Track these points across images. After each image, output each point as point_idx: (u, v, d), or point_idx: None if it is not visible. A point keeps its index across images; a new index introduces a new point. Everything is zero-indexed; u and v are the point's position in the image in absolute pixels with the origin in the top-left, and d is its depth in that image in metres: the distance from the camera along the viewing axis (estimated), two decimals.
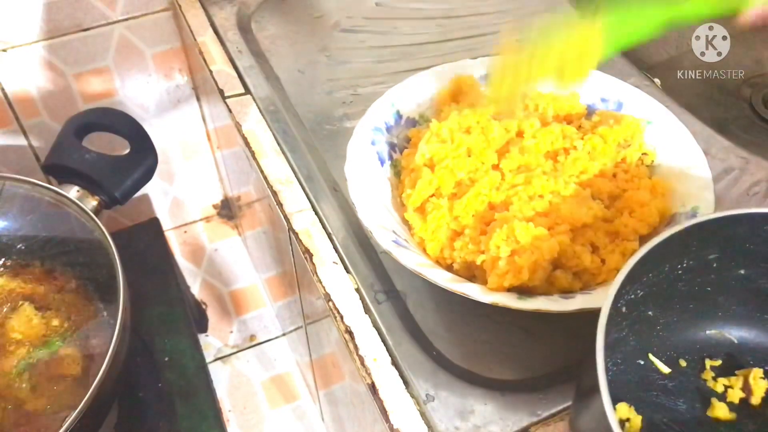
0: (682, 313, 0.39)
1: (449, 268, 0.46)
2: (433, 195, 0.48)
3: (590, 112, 0.53)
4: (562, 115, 0.52)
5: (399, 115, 0.53)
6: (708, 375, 0.39)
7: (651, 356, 0.39)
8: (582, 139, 0.49)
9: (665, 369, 0.39)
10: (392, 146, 0.52)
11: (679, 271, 0.37)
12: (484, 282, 0.44)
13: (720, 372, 0.39)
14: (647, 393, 0.38)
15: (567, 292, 0.44)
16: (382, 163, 0.51)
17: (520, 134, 0.50)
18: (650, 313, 0.37)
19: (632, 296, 0.35)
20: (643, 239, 0.46)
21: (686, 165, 0.48)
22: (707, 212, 0.44)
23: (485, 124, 0.49)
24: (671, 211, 0.46)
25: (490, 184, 0.47)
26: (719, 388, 0.39)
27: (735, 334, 0.40)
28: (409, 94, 0.54)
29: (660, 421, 0.37)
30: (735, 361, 0.39)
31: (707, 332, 0.40)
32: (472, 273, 0.46)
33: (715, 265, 0.37)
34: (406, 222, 0.48)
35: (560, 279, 0.44)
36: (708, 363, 0.39)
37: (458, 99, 0.54)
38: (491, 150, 0.48)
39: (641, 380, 0.38)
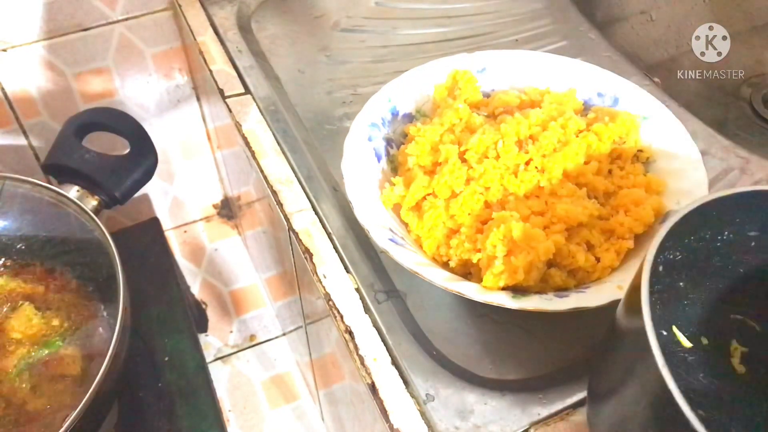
0: (710, 293, 0.39)
1: (446, 265, 0.46)
2: (429, 194, 0.48)
3: (587, 107, 0.54)
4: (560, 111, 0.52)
5: (396, 111, 0.53)
6: (731, 354, 0.39)
7: (675, 329, 0.38)
8: (577, 136, 0.49)
9: (687, 343, 0.39)
10: (389, 142, 0.52)
11: (719, 243, 0.36)
12: (479, 279, 0.44)
13: (742, 356, 0.39)
14: (667, 362, 0.38)
15: (561, 289, 0.44)
16: (379, 159, 0.51)
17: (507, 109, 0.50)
18: (681, 284, 0.37)
19: (670, 257, 0.35)
20: (638, 238, 0.46)
21: (681, 162, 0.48)
22: None
23: (467, 118, 0.50)
24: (666, 208, 0.46)
25: (485, 182, 0.47)
26: (740, 369, 0.39)
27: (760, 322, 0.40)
28: (406, 90, 0.54)
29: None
30: (757, 348, 0.39)
31: (732, 316, 0.40)
32: (468, 271, 0.46)
33: (753, 243, 0.36)
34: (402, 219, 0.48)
35: (555, 277, 0.44)
36: (733, 345, 0.39)
37: (454, 94, 0.54)
38: (483, 145, 0.48)
39: (662, 350, 0.38)
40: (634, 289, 0.31)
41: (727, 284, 0.38)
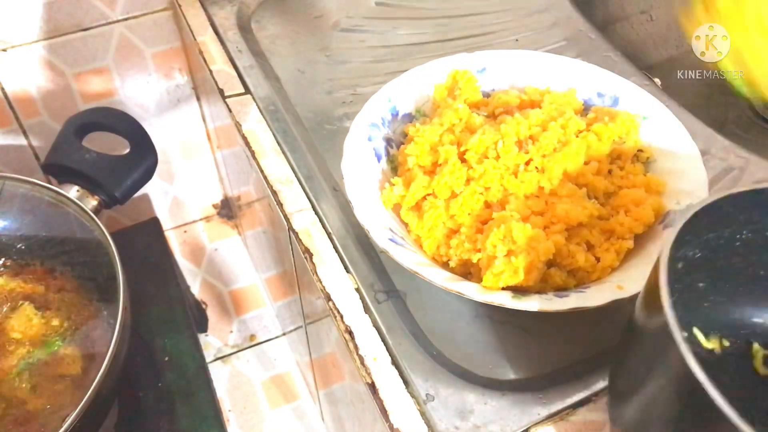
0: (731, 295, 0.39)
1: (445, 265, 0.46)
2: (429, 194, 0.48)
3: (587, 107, 0.54)
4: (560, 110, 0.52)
5: (396, 111, 0.53)
6: (753, 357, 0.39)
7: (695, 330, 0.38)
8: (577, 136, 0.49)
9: (708, 345, 0.38)
10: (389, 142, 0.52)
11: (737, 243, 0.36)
12: (479, 279, 0.44)
13: (764, 358, 0.39)
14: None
15: (561, 289, 0.44)
16: (379, 159, 0.51)
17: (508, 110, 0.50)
18: (701, 284, 0.37)
19: (690, 253, 0.35)
20: (638, 238, 0.46)
21: (681, 161, 0.48)
22: None
23: (467, 118, 0.50)
24: (666, 208, 0.46)
25: (485, 183, 0.47)
26: (762, 371, 0.39)
27: None
28: (406, 89, 0.54)
29: None
30: None
31: (753, 319, 0.39)
32: (468, 271, 0.46)
33: None
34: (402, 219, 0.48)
35: (554, 277, 0.44)
36: (755, 347, 0.39)
37: (454, 94, 0.54)
38: (482, 145, 0.48)
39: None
40: (653, 287, 0.31)
41: (747, 287, 0.38)
